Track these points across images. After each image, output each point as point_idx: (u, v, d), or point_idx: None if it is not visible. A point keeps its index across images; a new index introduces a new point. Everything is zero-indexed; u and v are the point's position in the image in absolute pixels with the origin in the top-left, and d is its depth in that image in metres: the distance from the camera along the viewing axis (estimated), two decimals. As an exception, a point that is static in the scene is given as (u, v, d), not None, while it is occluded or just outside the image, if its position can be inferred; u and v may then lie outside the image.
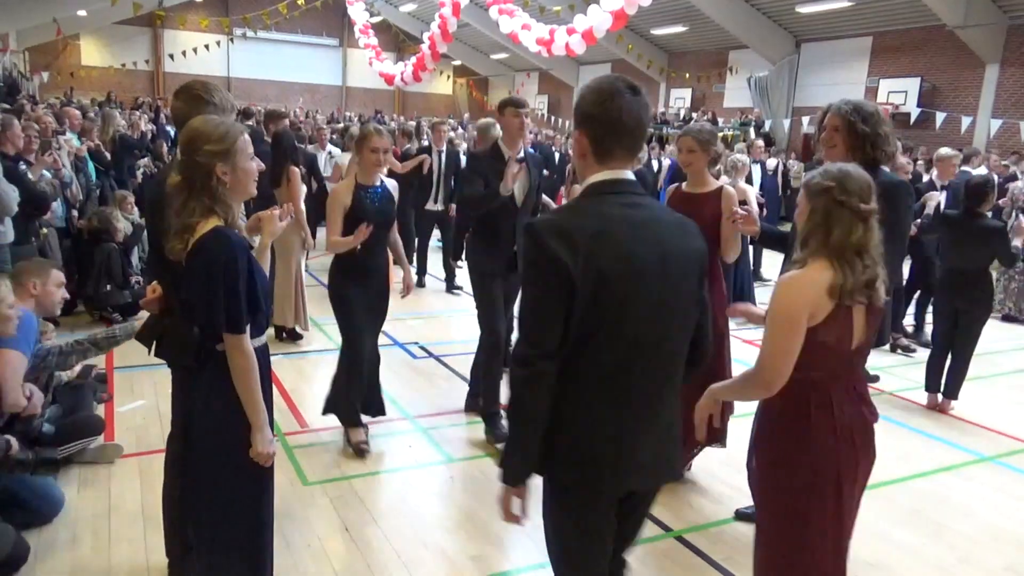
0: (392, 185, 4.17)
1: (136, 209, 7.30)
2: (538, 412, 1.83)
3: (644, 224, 1.86)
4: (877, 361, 4.91)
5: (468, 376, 5.40)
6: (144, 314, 2.81)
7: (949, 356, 5.35)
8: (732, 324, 3.86)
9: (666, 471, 2.02)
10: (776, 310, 2.14)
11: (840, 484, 2.21)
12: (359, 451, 4.12)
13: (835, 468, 2.19)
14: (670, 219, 1.96)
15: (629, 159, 1.91)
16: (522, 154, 4.29)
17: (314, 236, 6.34)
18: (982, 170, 9.83)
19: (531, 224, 1.85)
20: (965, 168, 9.06)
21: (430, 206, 8.17)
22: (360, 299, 4.08)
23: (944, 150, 7.38)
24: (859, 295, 2.12)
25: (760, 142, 13.01)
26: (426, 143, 8.73)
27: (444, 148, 8.04)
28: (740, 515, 3.59)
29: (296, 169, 5.77)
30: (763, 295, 8.16)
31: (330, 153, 9.35)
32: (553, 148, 14.29)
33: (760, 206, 8.49)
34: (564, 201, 6.53)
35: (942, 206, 6.42)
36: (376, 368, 4.34)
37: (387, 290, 4.26)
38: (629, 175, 1.91)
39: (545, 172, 6.17)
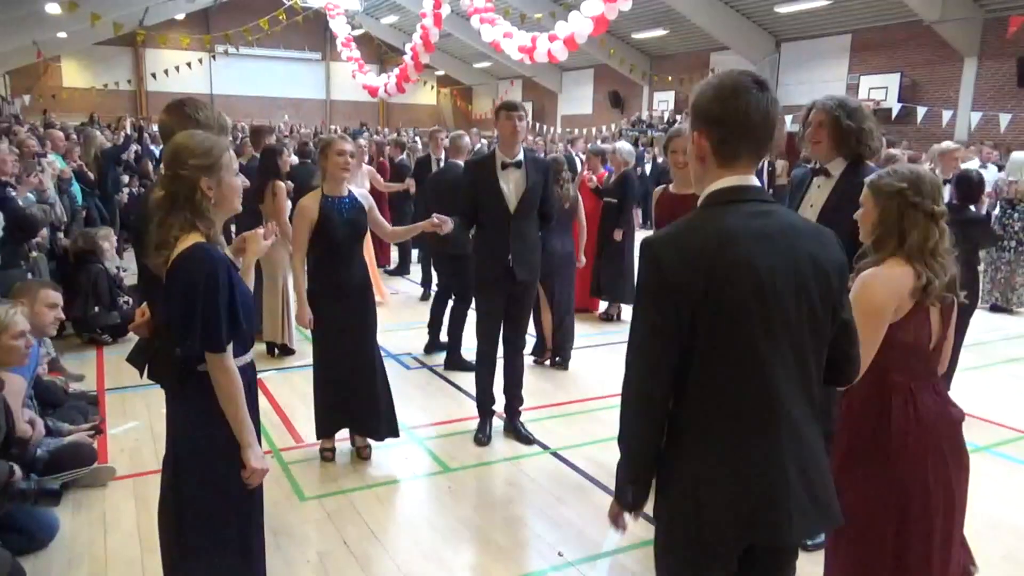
0: (361, 194, 4.06)
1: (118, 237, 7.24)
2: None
3: (776, 235, 1.62)
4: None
5: (461, 386, 5.41)
6: (133, 337, 2.79)
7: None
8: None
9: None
10: (863, 302, 2.08)
11: (928, 493, 2.16)
12: (323, 456, 4.20)
13: (923, 474, 2.15)
14: (806, 228, 1.71)
15: (755, 162, 1.71)
16: (520, 157, 4.20)
17: None
18: (974, 163, 9.52)
19: (646, 241, 1.65)
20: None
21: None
22: (331, 317, 3.96)
23: (945, 144, 7.13)
24: (940, 296, 2.16)
25: None
26: (421, 153, 8.59)
27: (442, 156, 7.86)
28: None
29: (281, 184, 5.75)
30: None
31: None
32: (574, 153, 13.28)
33: None
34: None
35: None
36: (368, 386, 4.06)
37: (366, 306, 4.07)
38: (755, 180, 1.70)
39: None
